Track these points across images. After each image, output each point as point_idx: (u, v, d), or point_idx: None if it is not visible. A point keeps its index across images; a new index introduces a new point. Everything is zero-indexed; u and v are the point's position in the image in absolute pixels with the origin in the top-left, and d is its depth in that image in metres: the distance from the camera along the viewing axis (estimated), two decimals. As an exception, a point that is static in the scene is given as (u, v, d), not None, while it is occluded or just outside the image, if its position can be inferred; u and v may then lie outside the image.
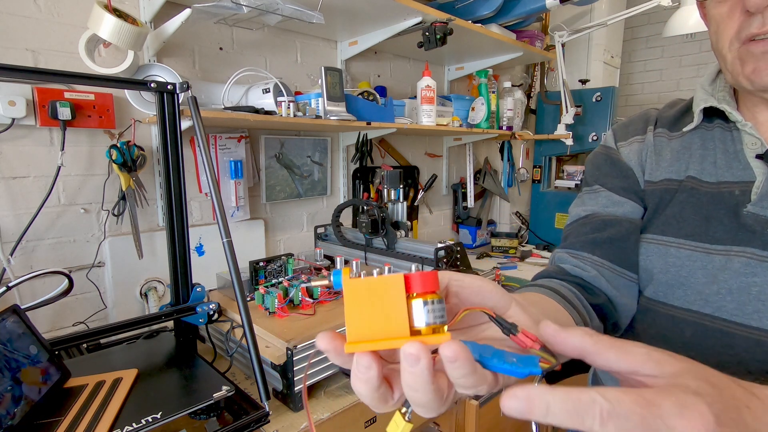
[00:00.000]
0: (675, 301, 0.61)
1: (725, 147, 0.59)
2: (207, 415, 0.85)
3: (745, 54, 0.53)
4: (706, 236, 0.58)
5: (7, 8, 1.06)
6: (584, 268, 0.65)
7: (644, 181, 0.67)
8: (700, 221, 0.59)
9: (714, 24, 0.56)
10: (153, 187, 1.32)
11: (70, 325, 1.21)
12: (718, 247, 0.57)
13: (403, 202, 1.44)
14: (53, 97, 1.09)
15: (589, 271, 0.64)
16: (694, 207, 0.60)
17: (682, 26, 1.83)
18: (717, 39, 0.56)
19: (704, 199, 0.59)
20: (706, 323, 0.57)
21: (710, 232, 0.58)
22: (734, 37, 0.53)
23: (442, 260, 1.23)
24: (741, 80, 0.54)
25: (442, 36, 1.51)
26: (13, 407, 0.70)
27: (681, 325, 0.60)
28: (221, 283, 1.28)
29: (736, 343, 0.55)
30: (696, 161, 0.61)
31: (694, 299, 0.59)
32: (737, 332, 0.55)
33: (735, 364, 0.55)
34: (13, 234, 1.10)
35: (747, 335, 0.54)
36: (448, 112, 1.91)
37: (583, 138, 2.40)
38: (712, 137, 0.61)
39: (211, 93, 1.35)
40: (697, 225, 0.59)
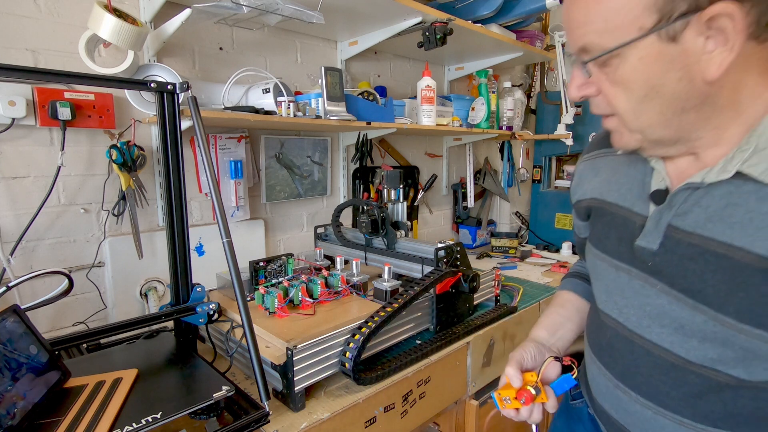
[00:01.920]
0: (601, 305, 0.72)
1: (642, 178, 0.65)
2: (207, 415, 0.85)
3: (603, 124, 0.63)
4: (617, 254, 0.67)
5: (7, 8, 1.06)
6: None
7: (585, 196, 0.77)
8: (615, 241, 0.67)
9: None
10: (153, 187, 1.32)
11: (70, 325, 1.21)
12: (624, 266, 0.66)
13: (403, 202, 1.44)
14: (53, 97, 1.09)
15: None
16: (612, 228, 0.68)
17: (682, 26, 1.83)
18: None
19: (619, 221, 0.67)
20: (618, 330, 0.67)
21: (620, 252, 0.66)
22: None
23: (442, 260, 1.23)
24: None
25: (442, 36, 1.51)
26: (13, 407, 0.70)
27: (604, 327, 0.71)
28: (221, 283, 1.28)
29: (636, 350, 0.64)
30: (619, 186, 0.68)
31: (612, 307, 0.69)
32: (636, 341, 0.64)
33: (634, 367, 0.65)
34: (13, 234, 1.10)
35: (642, 345, 0.63)
36: (448, 112, 1.91)
37: (583, 138, 2.40)
38: (635, 165, 0.67)
39: (211, 93, 1.35)
40: (613, 244, 0.68)
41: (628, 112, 0.55)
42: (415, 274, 1.29)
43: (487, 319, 1.35)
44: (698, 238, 0.56)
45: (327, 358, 0.96)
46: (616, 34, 0.50)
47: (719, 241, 0.54)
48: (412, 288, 1.12)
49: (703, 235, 0.55)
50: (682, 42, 0.48)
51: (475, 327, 1.31)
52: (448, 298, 1.25)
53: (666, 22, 0.47)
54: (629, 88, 0.53)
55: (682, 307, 0.58)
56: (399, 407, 1.08)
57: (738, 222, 0.52)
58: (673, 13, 0.46)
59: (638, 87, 0.52)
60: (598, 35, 0.51)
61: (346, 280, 1.23)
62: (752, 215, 0.51)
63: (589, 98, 0.59)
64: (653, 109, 0.53)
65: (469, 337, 1.28)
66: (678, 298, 0.58)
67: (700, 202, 0.56)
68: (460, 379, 1.27)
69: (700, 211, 0.56)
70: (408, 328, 1.17)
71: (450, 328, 1.27)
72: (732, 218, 0.53)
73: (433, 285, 1.16)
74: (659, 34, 0.48)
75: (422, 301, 1.19)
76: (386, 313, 1.03)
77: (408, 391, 1.10)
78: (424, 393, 1.15)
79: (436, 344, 1.19)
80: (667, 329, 0.60)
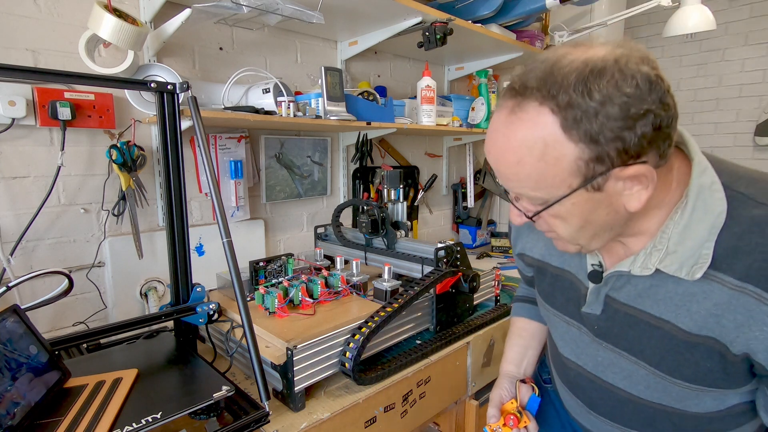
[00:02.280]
0: (561, 349, 0.82)
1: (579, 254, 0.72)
2: (207, 415, 0.85)
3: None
4: (567, 312, 0.77)
5: (7, 8, 1.06)
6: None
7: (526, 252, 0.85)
8: (563, 301, 0.77)
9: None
10: (153, 187, 1.32)
11: (70, 325, 1.21)
12: (574, 323, 0.76)
13: (403, 202, 1.44)
14: (53, 97, 1.09)
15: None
16: (559, 289, 0.78)
17: (682, 26, 1.83)
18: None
19: (566, 284, 0.76)
20: (579, 371, 0.78)
21: (568, 310, 0.76)
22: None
23: (442, 260, 1.23)
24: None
25: (442, 36, 1.51)
26: (13, 407, 0.70)
27: (567, 369, 0.82)
28: (221, 283, 1.28)
29: (597, 387, 0.76)
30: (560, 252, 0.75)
31: (570, 353, 0.80)
32: (596, 381, 0.75)
33: (599, 399, 0.77)
34: (13, 234, 1.10)
35: (602, 384, 0.75)
36: (448, 112, 1.91)
37: (583, 138, 2.40)
38: None
39: (211, 93, 1.35)
40: (562, 302, 0.78)
41: (567, 235, 0.63)
42: (415, 274, 1.29)
43: (487, 319, 1.35)
44: (633, 310, 0.66)
45: (327, 358, 0.96)
46: (547, 191, 0.57)
47: (650, 314, 0.64)
48: (412, 288, 1.12)
49: (636, 307, 0.65)
50: (605, 189, 0.56)
51: (475, 327, 1.31)
52: (448, 298, 1.25)
53: (589, 180, 0.54)
54: (566, 221, 0.60)
55: (627, 362, 0.69)
56: (399, 407, 1.08)
57: (662, 299, 0.62)
58: (595, 174, 0.54)
59: (574, 221, 0.60)
60: (531, 190, 0.58)
61: (346, 280, 1.23)
62: (671, 295, 0.61)
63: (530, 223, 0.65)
64: (588, 233, 0.61)
65: (469, 337, 1.28)
66: (622, 355, 0.69)
67: (630, 281, 0.65)
68: (460, 379, 1.27)
69: (631, 288, 0.66)
70: (408, 328, 1.17)
71: (450, 328, 1.27)
72: (657, 296, 0.63)
73: (433, 285, 1.16)
74: (585, 189, 0.55)
75: (422, 301, 1.19)
76: (386, 313, 1.03)
77: (408, 391, 1.10)
78: (424, 393, 1.15)
79: (436, 344, 1.19)
80: (618, 375, 0.72)
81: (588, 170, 0.54)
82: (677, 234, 0.59)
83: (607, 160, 0.53)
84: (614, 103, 0.50)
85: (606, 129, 0.51)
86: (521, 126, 0.54)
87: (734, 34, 3.01)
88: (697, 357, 0.61)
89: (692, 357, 0.62)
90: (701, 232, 0.57)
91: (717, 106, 3.12)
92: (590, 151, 0.52)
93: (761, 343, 0.55)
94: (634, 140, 0.51)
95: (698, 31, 1.82)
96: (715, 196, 0.57)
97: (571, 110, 0.51)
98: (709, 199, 0.57)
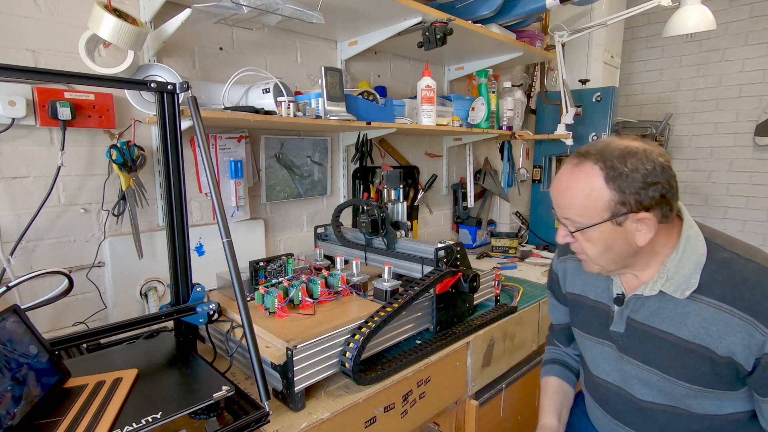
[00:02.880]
0: (594, 370, 1.03)
1: (608, 285, 0.98)
2: (207, 415, 0.85)
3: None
4: (600, 335, 0.99)
5: (7, 8, 1.06)
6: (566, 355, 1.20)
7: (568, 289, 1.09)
8: (596, 326, 1.00)
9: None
10: (153, 187, 1.32)
11: (70, 325, 1.21)
12: (607, 343, 0.98)
13: (403, 202, 1.44)
14: (53, 97, 1.09)
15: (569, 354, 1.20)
16: (593, 317, 1.01)
17: (682, 26, 1.83)
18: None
19: (599, 312, 1.00)
20: (609, 387, 0.99)
21: (601, 332, 0.99)
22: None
23: (442, 260, 1.23)
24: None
25: (442, 36, 1.51)
26: (13, 407, 0.70)
27: (598, 387, 1.03)
28: (221, 283, 1.28)
29: (623, 400, 0.97)
30: (595, 288, 1.01)
31: (601, 372, 1.01)
32: (621, 393, 0.97)
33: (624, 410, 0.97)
34: (13, 234, 1.10)
35: (625, 395, 0.96)
36: (448, 112, 1.91)
37: (583, 138, 2.40)
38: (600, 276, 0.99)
39: (211, 93, 1.35)
40: (596, 327, 1.00)
41: (594, 257, 0.89)
42: (415, 274, 1.29)
43: (487, 319, 1.35)
44: (647, 327, 0.89)
45: (327, 358, 0.97)
46: (587, 218, 0.85)
47: (659, 329, 0.88)
48: (412, 288, 1.12)
49: (649, 324, 0.89)
50: (624, 226, 0.83)
51: (475, 327, 1.31)
52: (448, 298, 1.25)
53: (615, 216, 0.82)
54: (594, 245, 0.87)
55: (643, 371, 0.91)
56: (399, 407, 1.08)
57: (667, 317, 0.87)
58: (618, 213, 0.82)
59: (600, 245, 0.86)
60: (577, 215, 0.86)
61: (346, 280, 1.23)
62: (673, 314, 0.86)
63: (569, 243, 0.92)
64: (608, 257, 0.88)
65: (469, 337, 1.28)
66: (640, 366, 0.91)
67: (644, 304, 0.90)
68: (460, 379, 1.27)
69: (645, 310, 0.90)
70: (408, 328, 1.17)
71: (450, 328, 1.27)
72: (663, 315, 0.87)
73: (433, 285, 1.16)
74: (611, 222, 0.83)
75: (422, 301, 1.19)
76: (386, 313, 1.03)
77: (408, 391, 1.10)
78: (424, 393, 1.15)
79: (436, 344, 1.19)
80: (637, 385, 0.93)
81: (615, 209, 0.82)
82: (673, 267, 0.85)
83: (628, 206, 0.81)
84: (639, 172, 0.79)
85: (631, 186, 0.80)
86: (580, 175, 0.84)
87: (734, 34, 3.01)
88: (694, 361, 0.83)
89: (690, 361, 0.84)
90: (689, 266, 0.84)
91: (717, 106, 3.12)
92: (619, 197, 0.81)
93: (737, 345, 0.78)
94: (647, 198, 0.80)
95: (698, 31, 1.82)
96: (699, 243, 0.85)
97: (612, 170, 0.81)
98: (695, 245, 0.85)
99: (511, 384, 1.49)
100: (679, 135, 3.27)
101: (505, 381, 1.47)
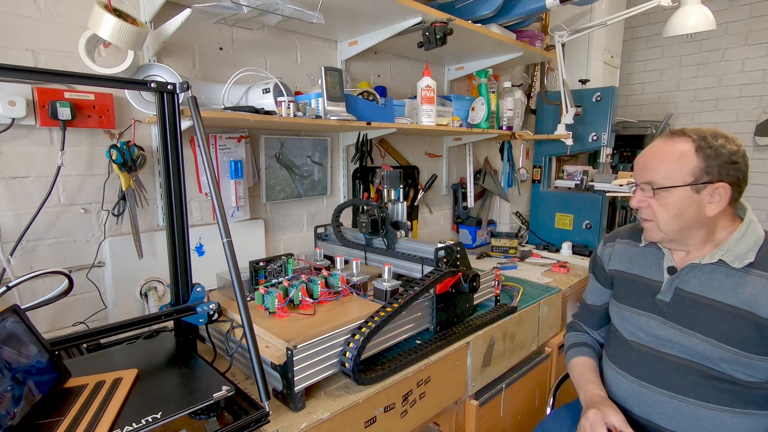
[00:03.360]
0: (628, 336, 1.11)
1: (657, 260, 1.09)
2: (207, 415, 0.85)
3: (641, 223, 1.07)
4: (639, 305, 1.09)
5: (7, 8, 1.06)
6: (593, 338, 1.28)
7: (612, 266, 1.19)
8: (637, 297, 1.10)
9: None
10: (153, 187, 1.32)
11: (70, 325, 1.21)
12: (644, 313, 1.08)
13: (403, 202, 1.44)
14: (53, 97, 1.09)
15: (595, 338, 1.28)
16: (634, 290, 1.11)
17: (682, 26, 1.83)
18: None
19: (641, 285, 1.10)
20: (641, 349, 1.07)
21: (641, 304, 1.09)
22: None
23: (442, 260, 1.23)
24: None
25: (442, 36, 1.51)
26: (13, 407, 0.70)
27: (630, 349, 1.10)
28: (221, 283, 1.28)
29: (654, 359, 1.05)
30: (641, 265, 1.12)
31: (635, 337, 1.09)
32: (655, 354, 1.05)
33: (654, 370, 1.04)
34: (13, 234, 1.10)
35: (659, 355, 1.04)
36: (448, 112, 1.91)
37: (583, 138, 2.40)
38: (650, 253, 1.12)
39: (211, 93, 1.35)
40: (636, 299, 1.10)
41: (663, 221, 0.99)
42: (415, 274, 1.29)
43: (487, 319, 1.35)
44: (696, 296, 0.99)
45: (327, 358, 0.97)
46: (671, 180, 0.96)
47: (708, 297, 0.97)
48: (412, 288, 1.12)
49: (698, 293, 0.99)
50: (701, 194, 0.95)
51: (475, 327, 1.31)
52: (448, 298, 1.25)
53: (696, 182, 0.94)
54: (668, 209, 0.97)
55: (685, 335, 0.99)
56: (399, 407, 1.08)
57: (717, 287, 0.97)
58: (700, 180, 0.94)
59: (673, 209, 0.97)
60: (662, 177, 0.97)
61: (346, 280, 1.23)
62: (723, 284, 0.96)
63: (642, 207, 1.02)
64: (677, 223, 0.98)
65: (469, 337, 1.28)
66: (681, 330, 1.00)
67: (696, 275, 1.00)
68: (460, 379, 1.27)
69: (695, 281, 1.00)
70: (408, 328, 1.17)
71: (450, 328, 1.27)
72: (713, 285, 0.97)
73: (433, 285, 1.16)
74: (691, 187, 0.94)
75: (422, 301, 1.19)
76: (386, 313, 1.03)
77: (408, 391, 1.10)
78: (424, 393, 1.15)
79: (436, 344, 1.19)
80: (676, 347, 1.01)
81: (698, 176, 0.94)
82: (735, 241, 0.97)
83: (710, 175, 0.93)
84: (725, 149, 0.93)
85: (717, 159, 0.93)
86: (673, 144, 0.97)
87: (734, 34, 3.01)
88: (740, 326, 0.93)
89: (736, 326, 0.93)
90: (749, 243, 0.96)
91: (717, 106, 3.12)
92: (704, 165, 0.93)
93: None
94: (726, 175, 0.93)
95: (698, 31, 1.82)
96: (758, 228, 0.99)
97: (703, 142, 0.94)
98: (756, 228, 0.98)
99: (511, 384, 1.49)
100: (679, 135, 3.27)
101: (505, 381, 1.47)
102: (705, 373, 0.97)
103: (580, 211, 2.39)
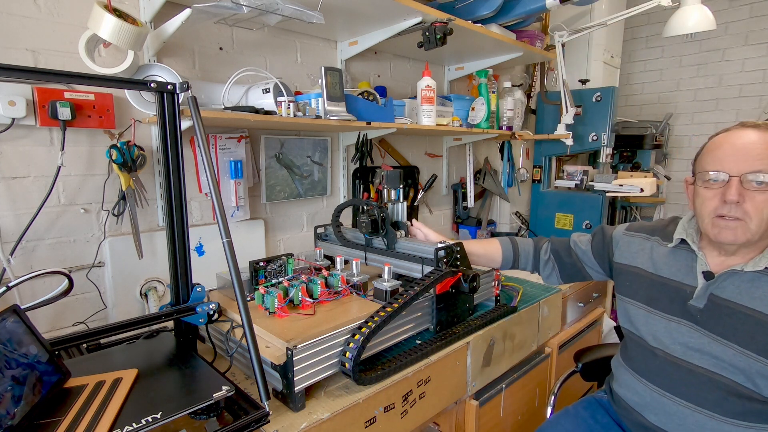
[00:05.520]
0: (652, 343, 1.05)
1: (690, 263, 1.01)
2: (207, 415, 0.85)
3: (716, 222, 0.93)
4: (669, 310, 1.02)
5: (7, 8, 1.06)
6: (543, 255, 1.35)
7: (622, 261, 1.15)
8: (667, 302, 1.02)
9: (700, 199, 0.96)
10: (153, 187, 1.32)
11: (70, 325, 1.21)
12: (674, 318, 1.01)
13: (403, 202, 1.44)
14: (53, 97, 1.09)
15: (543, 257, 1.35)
16: (664, 293, 1.04)
17: (682, 26, 1.83)
18: (701, 208, 0.96)
19: (671, 290, 1.03)
20: (667, 358, 1.01)
21: (671, 308, 1.02)
22: (712, 211, 0.93)
23: (442, 260, 1.23)
24: (710, 234, 0.95)
25: (442, 36, 1.51)
26: (13, 407, 0.70)
27: (654, 357, 1.04)
28: (221, 283, 1.28)
29: (681, 370, 0.98)
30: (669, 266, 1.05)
31: (660, 344, 1.03)
32: (681, 364, 0.99)
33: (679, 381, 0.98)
34: (13, 234, 1.10)
35: (686, 366, 0.98)
36: (448, 112, 1.91)
37: (583, 138, 2.40)
38: (680, 255, 1.04)
39: (211, 93, 1.35)
40: (665, 304, 1.03)
41: (759, 220, 0.88)
42: (415, 274, 1.29)
43: (487, 319, 1.35)
44: (733, 304, 0.92)
45: (327, 358, 0.97)
46: None
47: (747, 306, 0.91)
48: (412, 288, 1.12)
49: (736, 302, 0.92)
50: None
51: (475, 327, 1.31)
52: (448, 298, 1.25)
53: None
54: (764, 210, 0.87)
55: (718, 344, 0.93)
56: (399, 407, 1.08)
57: (758, 297, 0.90)
58: None
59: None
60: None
61: (346, 280, 1.23)
62: (765, 292, 0.89)
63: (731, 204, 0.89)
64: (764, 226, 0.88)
65: (469, 337, 1.28)
66: (716, 339, 0.94)
67: (734, 281, 0.93)
68: (460, 379, 1.27)
69: (734, 288, 0.93)
70: (408, 328, 1.17)
71: (450, 328, 1.27)
72: (754, 294, 0.90)
73: (433, 285, 1.16)
74: None
75: (422, 301, 1.19)
76: (386, 313, 1.03)
77: (408, 391, 1.10)
78: (424, 393, 1.15)
79: (436, 344, 1.19)
80: (705, 357, 0.95)
81: None
82: None
83: None
84: None
85: None
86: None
87: (734, 34, 3.01)
88: None
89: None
90: None
91: (717, 106, 3.12)
92: None
93: None
94: None
95: (698, 31, 1.82)
96: None
97: None
98: None
99: (511, 384, 1.49)
100: (679, 135, 3.27)
101: (505, 381, 1.47)
102: (734, 390, 0.92)
103: (580, 211, 2.39)
